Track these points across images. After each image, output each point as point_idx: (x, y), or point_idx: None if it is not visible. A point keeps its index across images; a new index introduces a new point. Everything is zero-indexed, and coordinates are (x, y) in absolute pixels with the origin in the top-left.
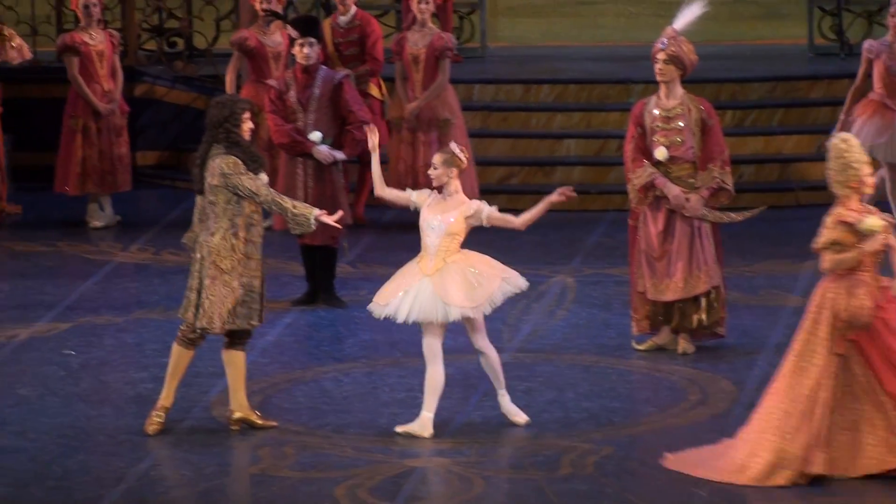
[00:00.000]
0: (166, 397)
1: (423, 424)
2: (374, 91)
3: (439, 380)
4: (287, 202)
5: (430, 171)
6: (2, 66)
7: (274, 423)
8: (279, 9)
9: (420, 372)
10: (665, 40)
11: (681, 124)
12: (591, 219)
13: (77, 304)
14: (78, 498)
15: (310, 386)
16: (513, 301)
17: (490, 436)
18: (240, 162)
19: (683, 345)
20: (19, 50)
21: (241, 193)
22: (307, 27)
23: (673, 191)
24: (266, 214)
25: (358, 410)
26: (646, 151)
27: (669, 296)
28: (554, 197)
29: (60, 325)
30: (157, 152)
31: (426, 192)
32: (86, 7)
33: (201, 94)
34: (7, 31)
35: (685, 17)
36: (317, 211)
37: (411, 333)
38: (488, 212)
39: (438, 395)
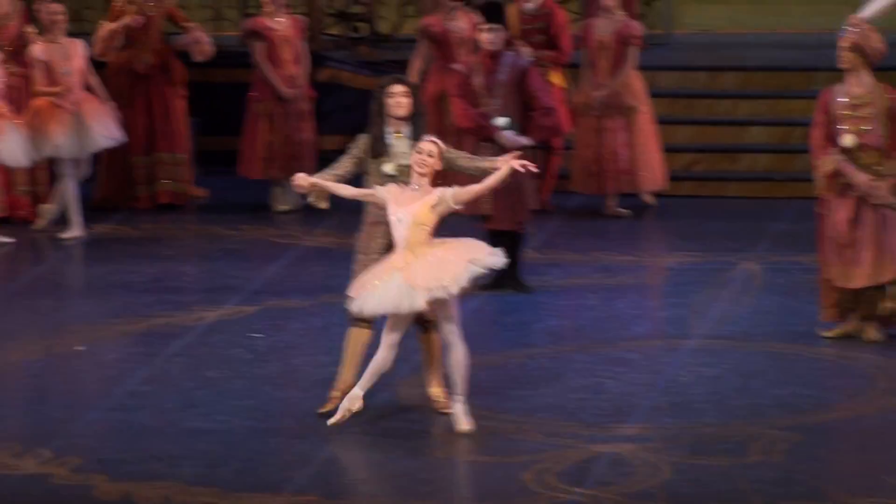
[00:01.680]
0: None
1: (351, 398)
2: (556, 79)
3: (386, 366)
4: None
5: (427, 158)
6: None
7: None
8: None
9: (608, 358)
10: (848, 28)
11: (869, 112)
12: (777, 206)
13: (263, 288)
14: (266, 480)
15: (496, 371)
16: (699, 287)
17: (677, 422)
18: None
19: (872, 333)
20: (201, 48)
21: None
22: (491, 13)
23: (860, 178)
24: None
25: (544, 396)
26: (832, 139)
27: (857, 283)
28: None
29: (247, 309)
30: (340, 137)
31: (392, 186)
32: None
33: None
34: (188, 23)
35: (873, 6)
36: None
37: (597, 320)
38: (452, 193)
39: (376, 380)
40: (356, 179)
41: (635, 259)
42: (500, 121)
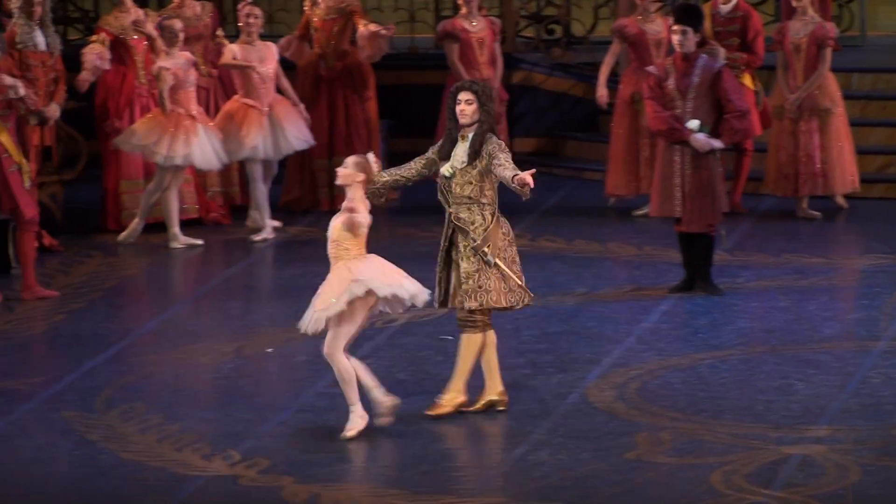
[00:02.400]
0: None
1: (353, 419)
2: (748, 81)
3: (351, 374)
4: None
5: (339, 169)
6: None
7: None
8: None
9: (798, 360)
10: None
11: None
12: None
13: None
14: (454, 482)
15: (686, 373)
16: (891, 290)
17: (867, 423)
18: None
19: None
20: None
21: None
22: (683, 14)
23: None
24: (644, 201)
25: (734, 397)
26: None
27: None
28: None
29: (437, 311)
30: (534, 139)
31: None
32: None
33: (579, 81)
34: (369, 25)
35: None
36: None
37: (788, 322)
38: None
39: (354, 389)
40: (425, 182)
41: (827, 261)
42: (693, 123)
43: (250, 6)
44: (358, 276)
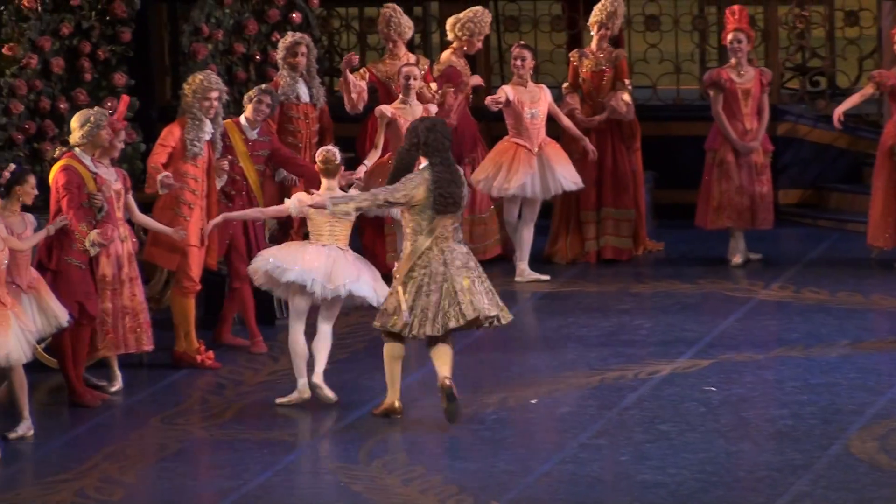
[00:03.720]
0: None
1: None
2: None
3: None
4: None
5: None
6: (645, 104)
7: None
8: None
9: None
10: None
11: None
12: None
13: (717, 341)
14: None
15: None
16: None
17: None
18: None
19: None
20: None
21: None
22: None
23: None
24: None
25: None
26: None
27: None
28: None
29: (701, 362)
30: (798, 191)
31: None
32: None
33: (843, 133)
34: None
35: None
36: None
37: None
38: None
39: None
40: None
41: None
42: None
43: (520, 48)
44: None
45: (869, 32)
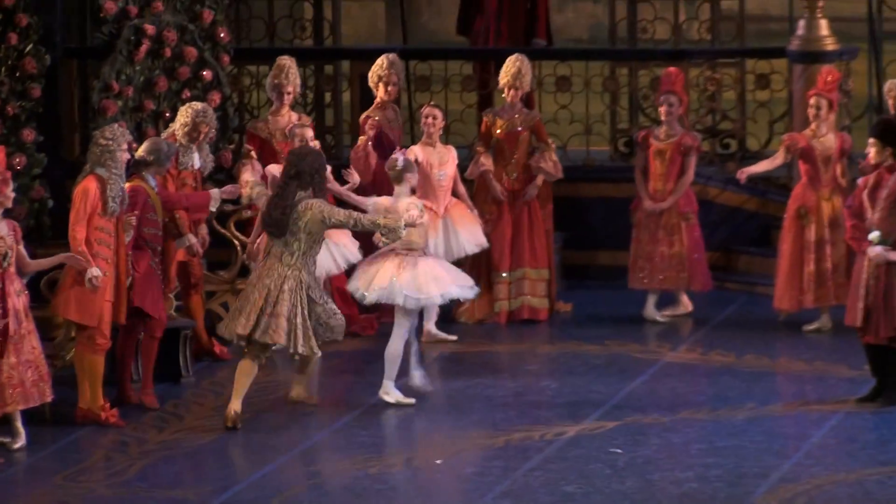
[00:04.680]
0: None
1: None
2: None
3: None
4: (377, 217)
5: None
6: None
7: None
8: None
9: None
10: None
11: None
12: None
13: (624, 403)
14: None
15: (853, 488)
16: None
17: None
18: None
19: None
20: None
21: (338, 226)
22: (883, 132)
23: None
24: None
25: None
26: None
27: None
28: None
29: (607, 424)
30: (707, 253)
31: None
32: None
33: (752, 195)
34: (546, 140)
35: None
36: (406, 217)
37: None
38: None
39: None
40: None
41: None
42: (873, 234)
43: (431, 108)
44: None
45: (780, 95)
